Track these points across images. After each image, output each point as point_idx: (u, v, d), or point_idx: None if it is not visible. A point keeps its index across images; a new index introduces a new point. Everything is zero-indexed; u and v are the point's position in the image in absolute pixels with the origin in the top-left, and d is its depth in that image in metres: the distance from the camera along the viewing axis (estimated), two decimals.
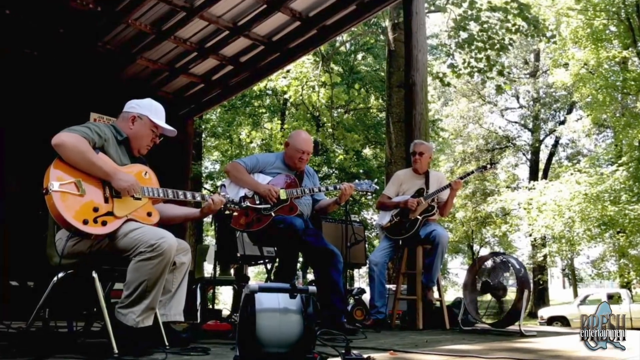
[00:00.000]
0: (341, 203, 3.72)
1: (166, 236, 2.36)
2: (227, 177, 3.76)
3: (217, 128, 15.86)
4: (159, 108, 2.78)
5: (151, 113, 2.70)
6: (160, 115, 2.76)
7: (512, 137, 22.34)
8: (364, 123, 16.47)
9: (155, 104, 2.77)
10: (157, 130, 2.72)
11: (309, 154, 3.77)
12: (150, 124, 2.69)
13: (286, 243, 3.42)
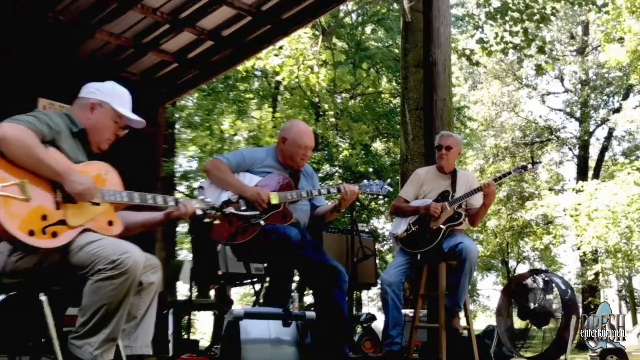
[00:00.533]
0: (342, 210, 3.73)
1: (131, 250, 2.36)
2: (207, 177, 3.77)
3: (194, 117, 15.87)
4: (124, 93, 2.77)
5: (114, 99, 2.70)
6: (125, 102, 2.75)
7: (556, 128, 22.35)
8: (374, 111, 16.49)
9: (119, 88, 2.77)
10: (121, 120, 2.72)
11: (311, 149, 3.79)
12: (112, 113, 2.69)
13: (278, 258, 3.42)
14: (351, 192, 3.63)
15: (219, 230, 3.53)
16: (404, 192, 4.69)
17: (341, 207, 3.70)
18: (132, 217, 2.76)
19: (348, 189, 3.64)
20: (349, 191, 3.63)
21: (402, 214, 4.59)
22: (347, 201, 3.66)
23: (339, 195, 3.69)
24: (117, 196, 2.56)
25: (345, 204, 3.67)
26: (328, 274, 3.55)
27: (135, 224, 2.76)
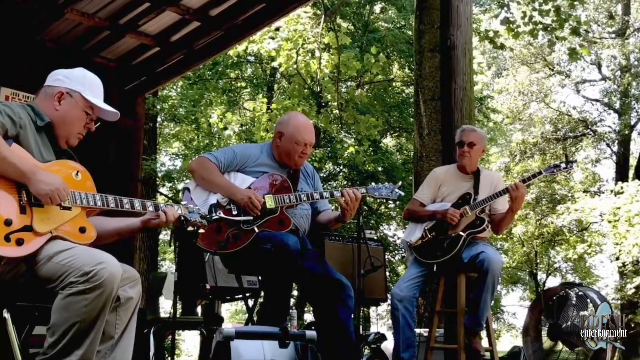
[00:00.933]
0: (346, 220, 3.73)
1: (106, 261, 2.37)
2: (192, 177, 3.77)
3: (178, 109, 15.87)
4: (96, 81, 2.78)
5: (85, 88, 2.71)
6: (97, 91, 2.76)
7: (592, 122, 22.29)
8: (384, 102, 16.51)
9: (91, 75, 2.78)
10: (93, 112, 2.73)
11: (311, 146, 3.81)
12: (83, 104, 2.70)
13: (275, 270, 3.43)
14: (353, 200, 3.61)
15: (207, 239, 3.55)
16: (419, 194, 4.70)
17: (345, 218, 3.69)
18: (106, 223, 2.77)
19: (348, 196, 3.61)
20: (351, 198, 3.60)
21: (416, 219, 4.60)
22: (350, 210, 3.63)
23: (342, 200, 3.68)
24: (89, 200, 2.57)
25: (348, 213, 3.65)
26: (331, 288, 3.55)
27: (109, 232, 2.77)
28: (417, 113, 9.84)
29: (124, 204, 2.66)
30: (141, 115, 7.30)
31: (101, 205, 2.61)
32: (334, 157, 16.89)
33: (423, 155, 9.38)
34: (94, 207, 2.60)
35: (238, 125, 16.27)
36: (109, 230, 2.76)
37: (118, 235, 2.82)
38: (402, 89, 17.66)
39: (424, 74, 9.86)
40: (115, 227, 2.80)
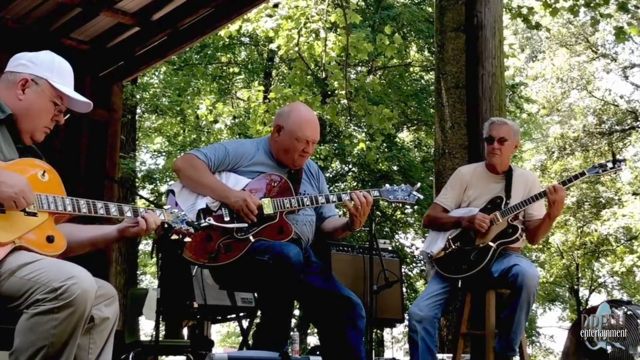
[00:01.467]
0: (355, 229, 3.73)
1: (78, 275, 2.37)
2: (178, 178, 3.78)
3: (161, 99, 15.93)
4: (66, 67, 2.79)
5: (53, 74, 2.72)
6: (68, 79, 2.77)
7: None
8: (400, 90, 16.50)
9: (59, 60, 2.78)
10: (62, 102, 2.73)
11: (314, 143, 3.80)
12: (51, 93, 2.70)
13: (273, 286, 3.44)
14: (364, 204, 3.61)
15: (195, 249, 3.55)
16: (441, 198, 4.71)
17: (355, 225, 3.69)
18: (78, 232, 2.77)
19: (360, 198, 3.61)
20: (361, 202, 3.60)
21: (438, 227, 4.61)
22: (360, 216, 3.64)
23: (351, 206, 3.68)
24: (58, 204, 2.57)
25: (358, 220, 3.65)
26: (339, 307, 3.56)
27: (81, 241, 2.78)
28: (438, 103, 9.84)
29: (97, 208, 2.66)
30: (118, 106, 7.31)
31: (72, 211, 2.60)
32: (342, 155, 16.90)
33: (445, 152, 9.38)
34: (64, 213, 2.59)
35: (230, 117, 16.29)
36: (81, 240, 2.76)
37: (92, 246, 2.82)
38: (421, 75, 17.66)
39: (446, 58, 9.85)
40: (88, 237, 2.80)
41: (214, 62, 16.63)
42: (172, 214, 2.89)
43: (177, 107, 15.72)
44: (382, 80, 16.43)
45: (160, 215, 2.84)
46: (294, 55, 12.98)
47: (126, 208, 2.76)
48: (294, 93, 12.99)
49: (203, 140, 16.24)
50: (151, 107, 16.24)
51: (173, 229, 2.85)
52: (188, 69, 16.12)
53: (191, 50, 15.36)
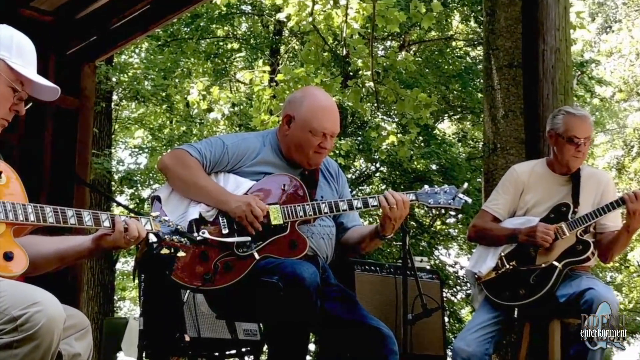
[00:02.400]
0: (387, 235, 3.74)
1: (43, 301, 2.38)
2: (165, 179, 3.79)
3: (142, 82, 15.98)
4: (26, 45, 2.80)
5: (11, 54, 2.73)
6: (29, 59, 2.78)
7: None
8: (440, 70, 16.46)
9: (19, 36, 2.80)
10: (23, 87, 2.75)
11: (333, 137, 3.80)
12: (8, 76, 2.71)
13: (283, 315, 3.43)
14: (401, 205, 3.62)
15: (186, 269, 3.55)
16: (491, 204, 4.70)
17: (386, 232, 3.70)
18: (43, 245, 2.77)
19: (393, 198, 3.63)
20: (397, 202, 3.62)
21: (488, 241, 4.60)
22: (393, 220, 3.65)
23: (380, 211, 3.69)
24: (18, 212, 2.58)
25: (391, 224, 3.66)
26: (365, 341, 3.56)
27: (47, 257, 2.78)
28: (487, 86, 9.81)
29: (67, 217, 2.66)
30: (90, 92, 7.31)
31: (35, 221, 2.60)
32: (367, 151, 16.86)
33: (497, 147, 9.34)
34: (25, 223, 2.60)
35: (228, 105, 16.29)
36: (46, 254, 2.76)
37: (60, 261, 2.82)
38: (466, 51, 17.62)
39: (497, 29, 9.82)
40: (55, 249, 2.79)
41: (207, 36, 16.66)
42: (161, 223, 2.89)
43: (163, 92, 15.76)
44: (418, 58, 16.39)
45: (146, 223, 2.85)
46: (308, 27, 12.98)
47: (104, 216, 2.76)
48: (307, 74, 12.97)
49: (195, 134, 16.24)
50: (130, 92, 16.26)
51: (163, 241, 2.85)
52: (176, 45, 16.15)
53: (179, 22, 15.41)
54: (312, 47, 13.36)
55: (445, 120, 18.56)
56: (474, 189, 12.81)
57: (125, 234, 2.74)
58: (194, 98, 15.24)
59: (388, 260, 15.25)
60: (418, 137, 15.70)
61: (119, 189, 16.86)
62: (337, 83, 13.47)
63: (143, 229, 2.80)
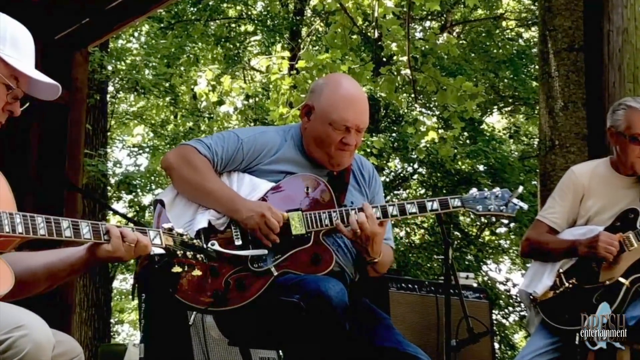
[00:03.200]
0: (370, 258, 3.69)
1: (29, 324, 2.39)
2: (170, 181, 3.80)
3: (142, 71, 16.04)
4: (23, 36, 2.83)
5: (5, 46, 2.75)
6: (26, 50, 2.81)
7: None
8: (488, 55, 16.43)
9: (15, 25, 2.83)
10: (18, 85, 2.76)
11: (359, 131, 3.79)
12: (2, 71, 2.73)
13: (306, 339, 3.44)
14: (365, 226, 3.56)
15: (193, 287, 3.56)
16: (547, 212, 4.69)
17: (367, 255, 3.67)
18: (30, 260, 2.79)
19: (356, 221, 3.58)
20: (360, 225, 3.55)
21: (544, 256, 4.60)
22: (363, 242, 3.60)
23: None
24: (4, 223, 2.59)
25: (362, 247, 3.63)
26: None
27: (34, 272, 2.78)
28: (544, 73, 9.79)
29: (62, 229, 2.66)
30: (82, 82, 7.34)
31: (23, 233, 2.60)
32: (404, 149, 16.86)
33: (555, 144, 9.31)
34: (12, 236, 2.61)
35: (242, 96, 16.32)
36: (34, 270, 2.77)
37: (50, 278, 2.82)
38: (518, 32, 17.58)
39: (555, 7, 9.80)
40: (45, 264, 2.80)
41: (217, 17, 16.69)
42: (173, 236, 2.89)
43: (166, 82, 15.81)
44: (462, 41, 16.37)
45: (154, 238, 2.85)
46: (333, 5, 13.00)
47: (102, 225, 2.76)
48: (332, 61, 12.97)
49: (203, 130, 16.29)
50: (129, 82, 16.32)
51: (175, 257, 2.86)
52: (181, 28, 16.20)
53: (185, 1, 15.46)
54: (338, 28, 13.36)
55: (495, 113, 18.53)
56: (529, 193, 12.78)
57: (124, 240, 2.74)
58: (202, 89, 15.30)
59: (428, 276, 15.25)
60: (462, 133, 15.69)
61: (116, 195, 16.91)
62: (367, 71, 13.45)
63: (144, 242, 2.79)
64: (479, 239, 18.13)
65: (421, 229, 18.11)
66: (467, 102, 12.65)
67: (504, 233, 17.94)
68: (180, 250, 2.86)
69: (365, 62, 14.62)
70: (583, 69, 5.81)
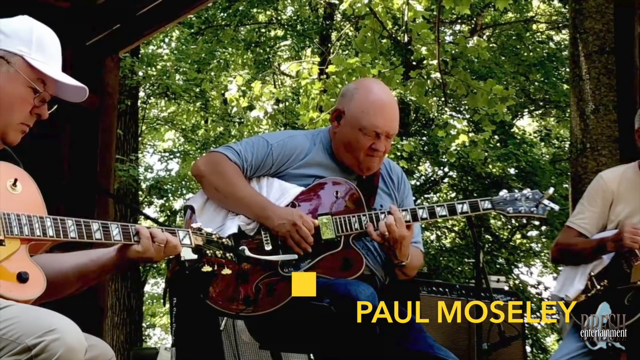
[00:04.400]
0: (398, 262, 3.69)
1: (61, 327, 2.39)
2: (200, 186, 3.81)
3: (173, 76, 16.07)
4: (49, 39, 2.83)
5: (31, 49, 2.75)
6: (53, 54, 2.81)
7: None
8: (518, 58, 16.34)
9: (41, 28, 2.83)
10: (45, 87, 2.77)
11: (389, 137, 3.79)
12: (28, 75, 2.73)
13: (336, 344, 3.44)
14: (393, 229, 3.57)
15: (223, 292, 3.57)
16: (576, 218, 4.66)
17: (394, 259, 3.68)
18: (58, 262, 2.79)
19: (384, 224, 3.59)
20: (388, 227, 3.56)
21: (574, 259, 4.57)
22: (391, 246, 3.62)
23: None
24: (35, 226, 2.59)
25: (390, 250, 3.64)
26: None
27: (64, 273, 2.78)
28: (575, 76, 9.73)
29: (92, 231, 2.67)
30: (113, 88, 7.35)
31: (54, 236, 2.61)
32: (434, 153, 16.81)
33: (586, 147, 9.25)
34: (43, 239, 2.61)
35: (272, 101, 16.32)
36: (64, 272, 2.77)
37: (81, 280, 2.82)
38: (549, 35, 17.48)
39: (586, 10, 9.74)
40: (75, 266, 2.79)
41: (247, 22, 16.70)
42: (202, 235, 2.89)
43: (196, 87, 15.82)
44: (492, 44, 16.29)
45: (184, 238, 2.85)
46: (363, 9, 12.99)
47: (132, 228, 2.76)
48: (362, 65, 12.95)
49: (233, 135, 16.28)
50: (159, 88, 16.35)
51: (205, 257, 2.85)
52: (211, 34, 16.21)
53: (215, 7, 15.48)
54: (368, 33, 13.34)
55: (525, 116, 18.41)
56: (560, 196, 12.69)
57: (154, 240, 2.75)
58: (233, 94, 15.31)
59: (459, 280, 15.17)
60: (493, 137, 15.61)
61: (147, 200, 16.95)
62: (397, 74, 13.42)
63: (175, 243, 2.79)
64: (510, 242, 18.03)
65: (452, 232, 18.07)
66: (497, 105, 12.60)
67: (535, 236, 17.85)
68: (209, 250, 2.85)
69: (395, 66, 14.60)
70: (614, 72, 5.78)
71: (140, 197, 16.21)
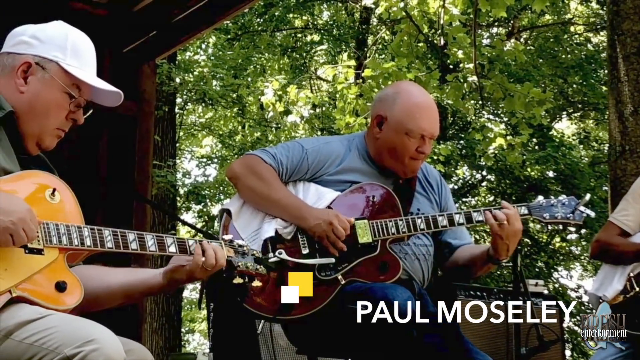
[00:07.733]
0: (502, 259, 3.70)
1: (100, 338, 2.39)
2: (235, 189, 3.81)
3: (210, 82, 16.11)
4: (84, 44, 2.85)
5: (66, 55, 2.77)
6: (88, 60, 2.83)
7: None
8: (556, 60, 16.25)
9: (75, 34, 2.84)
10: (81, 93, 2.78)
11: (432, 139, 3.79)
12: (63, 81, 2.75)
13: (374, 348, 3.43)
14: (513, 219, 3.59)
15: (261, 295, 3.57)
16: (619, 215, 4.64)
17: (500, 254, 3.67)
18: (105, 276, 2.80)
19: (503, 213, 3.60)
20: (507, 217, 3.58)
21: (614, 259, 4.55)
22: (506, 239, 3.61)
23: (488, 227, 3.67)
24: (73, 236, 2.60)
25: (504, 244, 3.63)
26: None
27: (110, 290, 2.80)
28: (613, 78, 9.68)
29: (129, 242, 2.68)
30: (150, 95, 7.37)
31: (91, 246, 2.62)
32: (471, 157, 16.74)
33: (625, 150, 9.20)
34: (81, 249, 2.62)
35: (308, 106, 16.33)
36: (110, 288, 2.79)
37: (125, 298, 2.85)
38: (587, 37, 17.38)
39: (623, 11, 9.69)
40: (121, 284, 2.81)
41: (283, 27, 16.72)
42: (234, 247, 2.90)
43: (233, 93, 15.85)
44: (529, 47, 16.22)
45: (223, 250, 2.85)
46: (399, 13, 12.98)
47: (169, 240, 2.77)
48: (399, 69, 12.93)
49: (270, 140, 16.31)
50: (196, 94, 16.39)
51: (236, 269, 2.85)
52: (248, 39, 16.24)
53: (251, 12, 15.51)
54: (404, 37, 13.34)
55: (564, 119, 18.32)
56: (599, 199, 12.63)
57: (203, 261, 2.75)
58: (269, 99, 15.32)
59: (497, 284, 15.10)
60: (531, 140, 15.53)
61: (185, 205, 17.01)
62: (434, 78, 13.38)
63: (222, 255, 2.81)
64: (550, 246, 17.94)
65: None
66: (535, 108, 12.54)
67: (575, 239, 17.74)
68: (240, 262, 2.85)
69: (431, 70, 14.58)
70: None
71: (178, 203, 16.27)
